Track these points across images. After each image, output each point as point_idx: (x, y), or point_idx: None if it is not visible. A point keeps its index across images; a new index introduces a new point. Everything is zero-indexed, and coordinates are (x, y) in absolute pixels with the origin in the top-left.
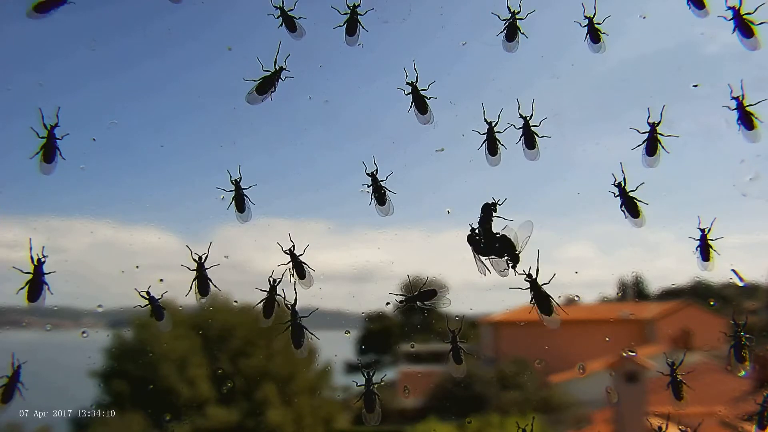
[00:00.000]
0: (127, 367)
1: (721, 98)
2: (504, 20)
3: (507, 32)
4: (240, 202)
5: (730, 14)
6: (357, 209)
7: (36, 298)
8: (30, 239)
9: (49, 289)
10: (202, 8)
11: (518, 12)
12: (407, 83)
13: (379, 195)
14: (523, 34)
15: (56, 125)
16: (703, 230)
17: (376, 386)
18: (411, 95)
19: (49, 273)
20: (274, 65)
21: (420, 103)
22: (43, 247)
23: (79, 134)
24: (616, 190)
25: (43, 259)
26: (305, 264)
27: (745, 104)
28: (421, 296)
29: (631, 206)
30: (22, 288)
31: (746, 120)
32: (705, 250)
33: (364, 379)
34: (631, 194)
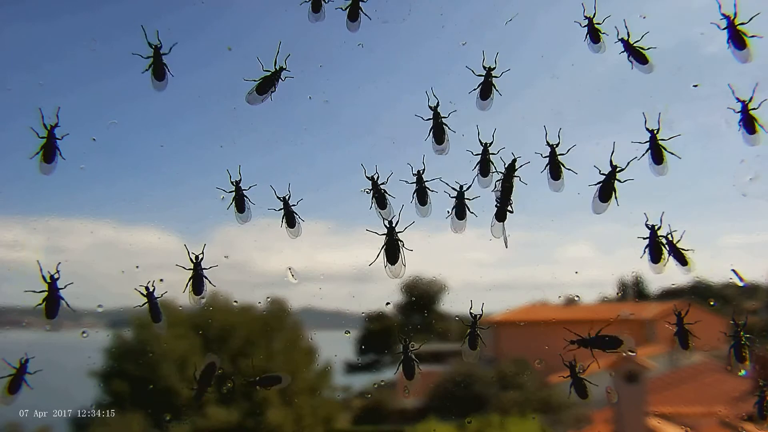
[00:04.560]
0: (127, 367)
1: (721, 98)
2: (479, 75)
3: (481, 90)
4: (240, 203)
5: (724, 23)
6: (357, 209)
7: (54, 314)
8: (38, 262)
9: (67, 304)
10: (202, 8)
11: (494, 68)
12: (429, 107)
13: (380, 198)
14: (497, 91)
15: (56, 125)
16: (652, 227)
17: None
18: (432, 121)
19: (64, 287)
20: (274, 65)
21: (439, 132)
22: (59, 264)
23: (79, 134)
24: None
25: (56, 275)
26: (296, 214)
27: (750, 107)
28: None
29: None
30: (39, 305)
31: (748, 124)
32: (655, 249)
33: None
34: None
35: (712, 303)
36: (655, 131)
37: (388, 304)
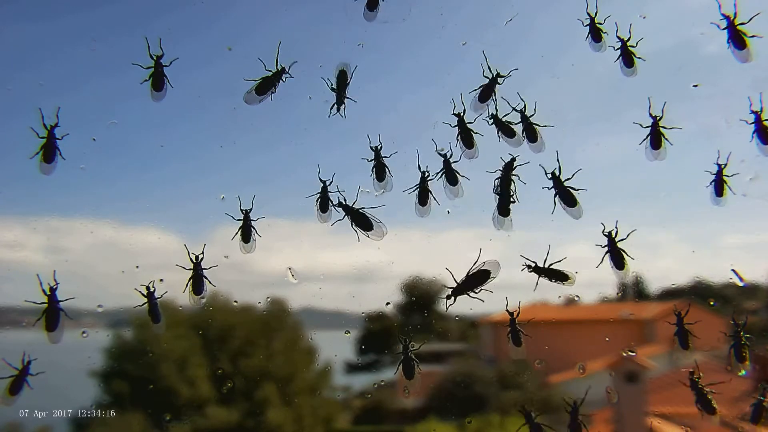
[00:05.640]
0: (127, 367)
1: (721, 98)
2: (485, 77)
3: (481, 92)
4: (246, 233)
5: (724, 23)
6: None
7: (55, 327)
8: (38, 276)
9: (67, 315)
10: (202, 8)
11: (503, 76)
12: (453, 114)
13: (379, 168)
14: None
15: (56, 125)
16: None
17: None
18: (457, 127)
19: (65, 300)
20: (276, 66)
21: (467, 137)
22: (54, 271)
23: (79, 134)
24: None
25: (55, 286)
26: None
27: (764, 118)
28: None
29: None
30: (38, 319)
31: (763, 134)
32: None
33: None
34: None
35: (712, 303)
36: (658, 118)
37: (388, 304)
